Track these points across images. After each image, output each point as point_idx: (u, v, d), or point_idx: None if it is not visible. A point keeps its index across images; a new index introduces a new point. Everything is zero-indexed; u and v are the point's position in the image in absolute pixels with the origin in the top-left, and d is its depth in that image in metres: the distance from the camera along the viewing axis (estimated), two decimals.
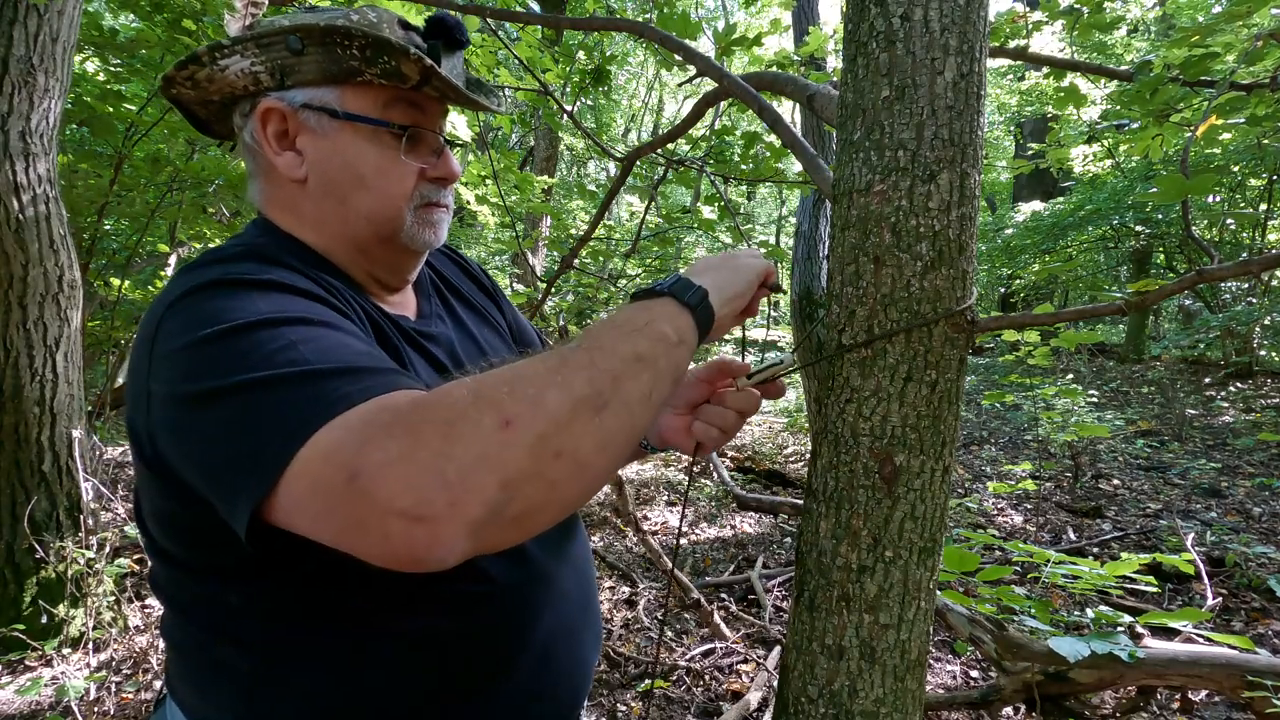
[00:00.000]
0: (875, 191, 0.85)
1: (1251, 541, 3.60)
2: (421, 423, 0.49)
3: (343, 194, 0.75)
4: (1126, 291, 0.99)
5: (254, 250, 0.70)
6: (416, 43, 0.74)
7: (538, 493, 0.51)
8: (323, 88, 0.72)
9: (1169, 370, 8.43)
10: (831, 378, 0.90)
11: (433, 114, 0.78)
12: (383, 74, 0.71)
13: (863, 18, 0.87)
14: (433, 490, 0.47)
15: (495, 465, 0.49)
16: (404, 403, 0.51)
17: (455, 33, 0.75)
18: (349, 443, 0.49)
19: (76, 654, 2.57)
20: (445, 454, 0.48)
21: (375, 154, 0.74)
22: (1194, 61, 1.85)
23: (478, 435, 0.49)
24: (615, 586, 3.46)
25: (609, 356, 0.57)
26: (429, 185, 0.78)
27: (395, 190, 0.75)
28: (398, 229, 0.77)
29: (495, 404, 0.51)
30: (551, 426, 0.51)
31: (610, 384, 0.56)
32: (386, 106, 0.74)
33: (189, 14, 3.07)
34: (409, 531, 0.47)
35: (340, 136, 0.73)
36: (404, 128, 0.75)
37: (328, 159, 0.74)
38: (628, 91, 16.22)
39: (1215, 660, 1.88)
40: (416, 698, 0.70)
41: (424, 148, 0.77)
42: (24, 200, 2.48)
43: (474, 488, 0.48)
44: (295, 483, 0.50)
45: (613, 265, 5.55)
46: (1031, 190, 10.88)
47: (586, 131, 2.64)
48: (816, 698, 0.89)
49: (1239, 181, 7.20)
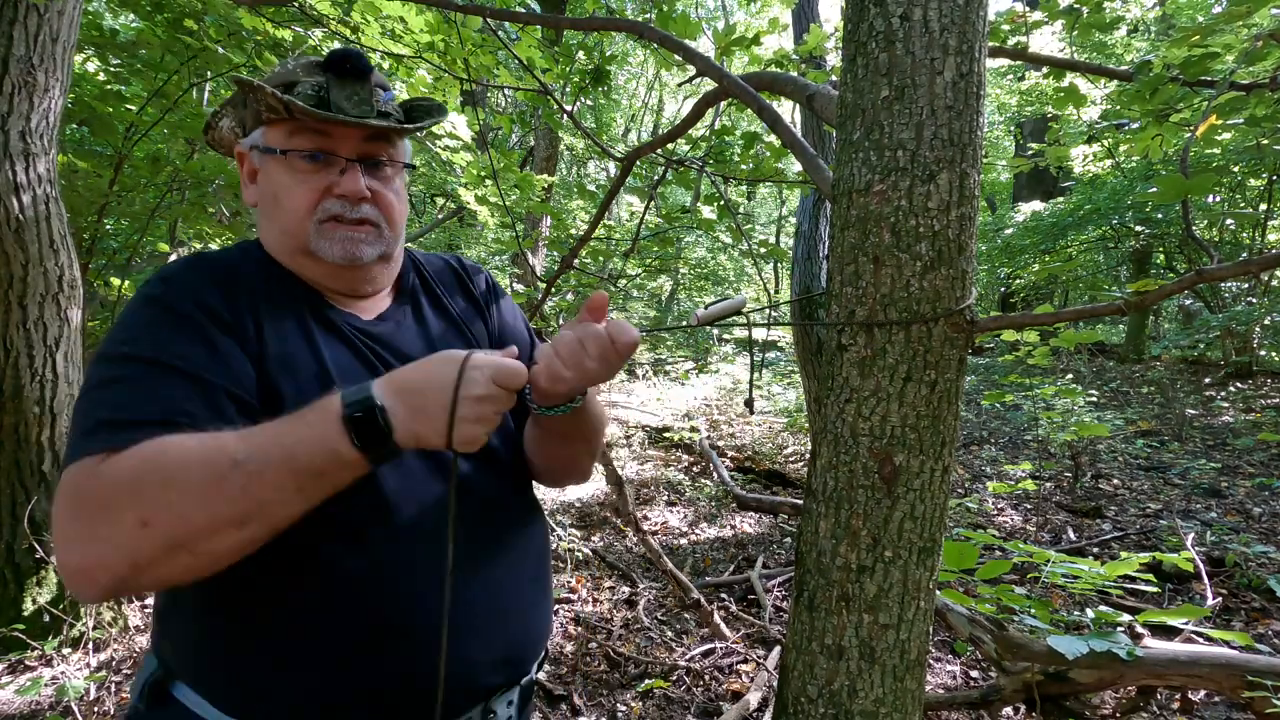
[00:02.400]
0: (875, 191, 0.85)
1: (1251, 541, 3.60)
2: (85, 503, 0.67)
3: (268, 212, 0.90)
4: (1126, 291, 0.99)
5: (214, 259, 0.88)
6: (315, 81, 0.87)
7: (168, 571, 0.66)
8: (257, 130, 0.90)
9: (1169, 370, 8.43)
10: (831, 378, 0.90)
11: (341, 137, 0.87)
12: (268, 109, 0.85)
13: (862, 18, 0.87)
14: (74, 561, 0.66)
15: (126, 553, 0.65)
16: (89, 473, 0.68)
17: (346, 64, 0.85)
18: (63, 491, 0.68)
19: (76, 654, 2.57)
20: (88, 537, 0.66)
21: (285, 178, 0.87)
22: (1193, 61, 1.85)
23: (116, 529, 0.65)
24: (615, 586, 3.46)
25: (262, 484, 0.67)
26: (333, 201, 0.88)
27: (296, 205, 0.87)
28: (305, 241, 0.87)
29: (142, 502, 0.65)
30: (186, 534, 0.65)
31: (257, 508, 0.67)
32: (291, 136, 0.87)
33: (190, 14, 3.07)
34: (68, 582, 0.68)
35: (267, 166, 0.89)
36: (299, 151, 0.87)
37: (264, 187, 0.90)
38: (628, 91, 16.22)
39: (1215, 660, 1.88)
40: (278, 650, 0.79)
41: (331, 168, 0.88)
42: (24, 200, 2.48)
43: (103, 566, 0.65)
44: (57, 496, 0.69)
45: (613, 265, 5.55)
46: (1031, 190, 10.88)
47: (586, 131, 2.64)
48: (816, 697, 0.89)
49: (1239, 181, 7.20)
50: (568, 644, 2.86)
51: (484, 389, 0.70)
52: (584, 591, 3.38)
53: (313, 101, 0.84)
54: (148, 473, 0.66)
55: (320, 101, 0.85)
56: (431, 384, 0.70)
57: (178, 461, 0.67)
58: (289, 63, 0.89)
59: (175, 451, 0.68)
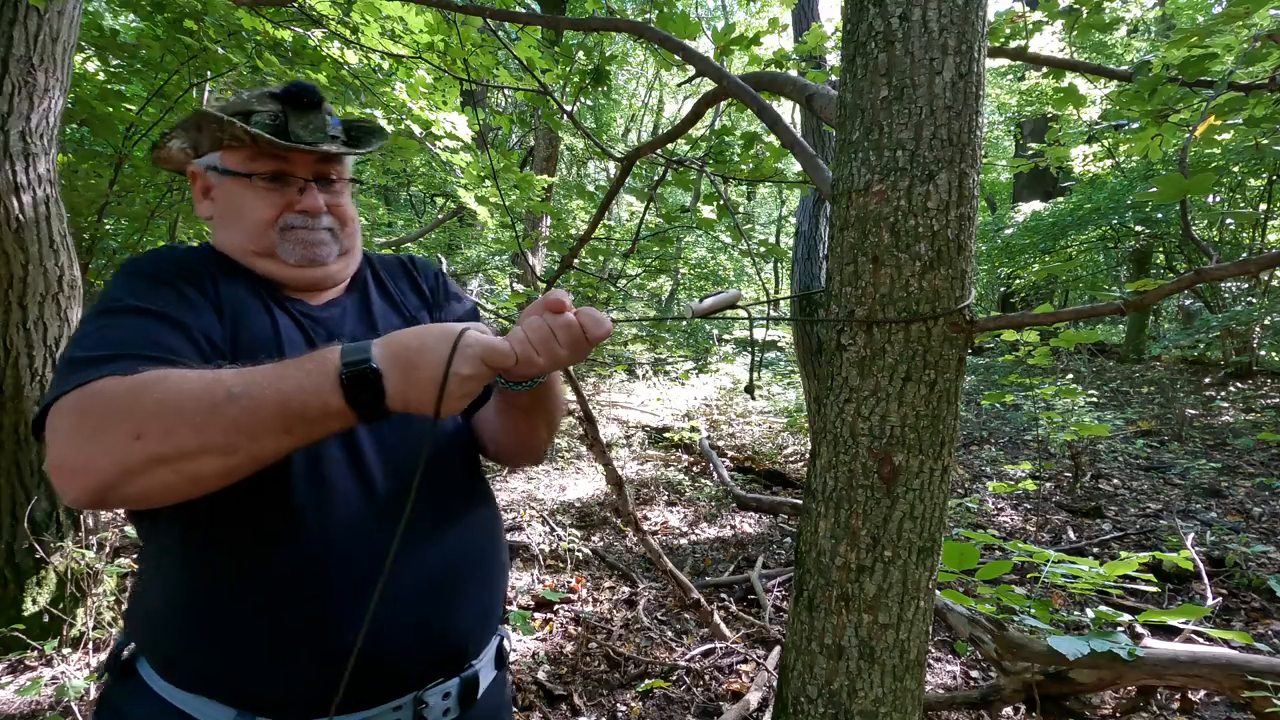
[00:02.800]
0: (874, 191, 0.85)
1: (1251, 541, 3.60)
2: (86, 414, 0.74)
3: (229, 224, 1.00)
4: (1126, 291, 0.99)
5: (178, 248, 1.00)
6: (271, 109, 0.97)
7: (152, 485, 0.72)
8: (214, 153, 1.00)
9: (1169, 370, 8.43)
10: (831, 377, 0.90)
11: (297, 162, 0.99)
12: (231, 139, 0.97)
13: (861, 18, 0.87)
14: (70, 460, 0.73)
15: (117, 459, 0.71)
16: (93, 393, 0.74)
17: (300, 96, 0.98)
18: (61, 408, 0.75)
19: (76, 654, 2.57)
20: (87, 440, 0.72)
21: (247, 194, 0.99)
22: (1192, 62, 1.85)
23: (111, 437, 0.71)
24: (615, 586, 3.46)
25: (253, 419, 0.72)
26: (294, 215, 1.00)
27: (260, 218, 0.98)
28: (270, 247, 0.99)
29: (139, 417, 0.71)
30: (174, 453, 0.71)
31: (246, 440, 0.72)
32: (252, 160, 0.98)
33: (190, 14, 3.07)
34: (55, 477, 0.74)
35: (226, 186, 1.00)
36: (262, 174, 0.98)
37: (222, 202, 1.01)
38: (628, 91, 16.22)
39: (1215, 660, 1.88)
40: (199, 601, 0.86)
41: (290, 188, 1.00)
42: (24, 200, 2.48)
43: (94, 469, 0.72)
44: (53, 414, 0.76)
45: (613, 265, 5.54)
46: (1031, 190, 10.88)
47: (586, 131, 2.64)
48: (816, 697, 0.89)
49: (1239, 181, 7.20)
50: (568, 644, 2.86)
51: (473, 368, 0.73)
52: (584, 591, 3.39)
53: (271, 130, 0.96)
54: (146, 393, 0.73)
55: (278, 130, 0.96)
56: (425, 355, 0.73)
57: (176, 388, 0.73)
58: (243, 94, 1.00)
59: (175, 379, 0.74)
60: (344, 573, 0.86)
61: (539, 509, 4.49)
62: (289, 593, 0.85)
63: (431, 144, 3.98)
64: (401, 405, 0.73)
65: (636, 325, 9.19)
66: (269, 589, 0.85)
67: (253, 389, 0.72)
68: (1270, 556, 3.42)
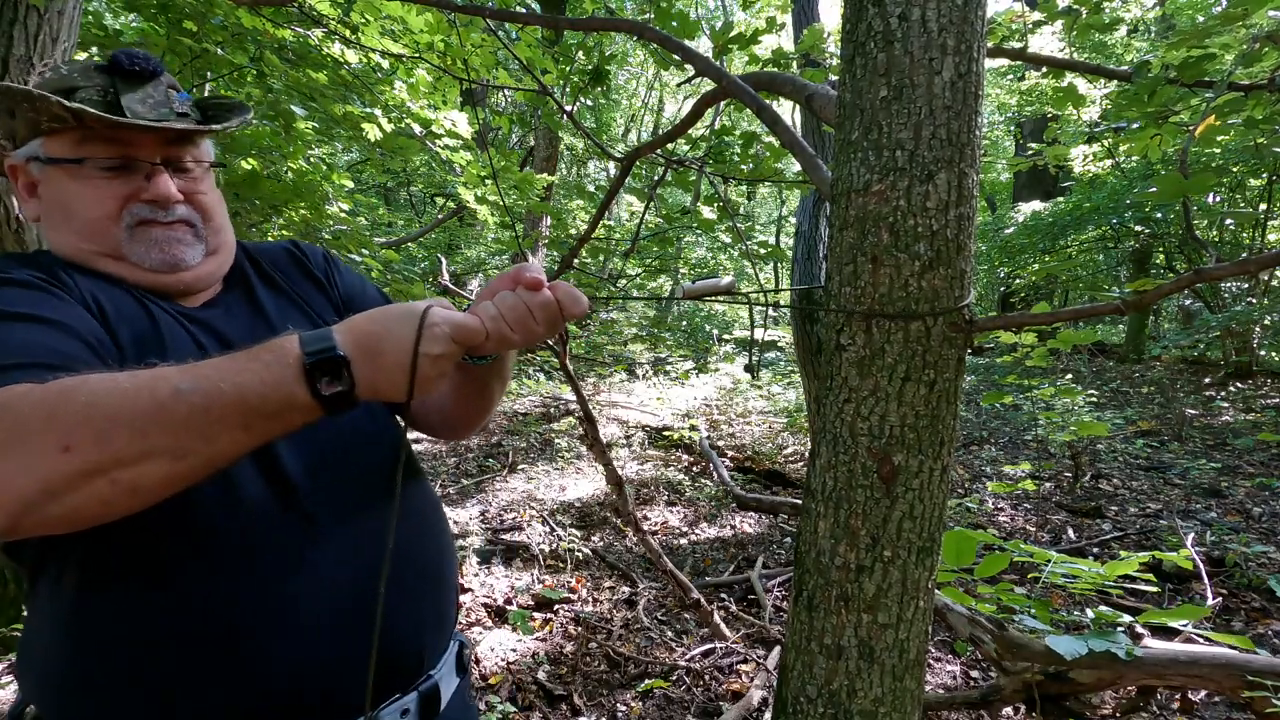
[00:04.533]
0: (873, 191, 0.85)
1: (1251, 541, 3.60)
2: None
3: (59, 223, 0.85)
4: (1126, 291, 0.99)
5: (19, 256, 0.85)
6: (98, 83, 0.83)
7: (84, 501, 0.61)
8: (33, 141, 0.84)
9: (1169, 370, 8.43)
10: (830, 377, 0.90)
11: (141, 144, 0.84)
12: (52, 119, 0.81)
13: (861, 18, 0.88)
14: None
15: (39, 477, 0.59)
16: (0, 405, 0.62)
17: (132, 64, 0.83)
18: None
19: None
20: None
21: (78, 187, 0.83)
22: (1192, 63, 1.86)
23: (31, 453, 0.60)
24: (615, 586, 3.46)
25: (206, 418, 0.63)
26: (141, 205, 0.85)
27: (96, 213, 0.83)
28: (115, 247, 0.84)
29: (65, 425, 0.60)
30: (110, 462, 0.61)
31: (199, 441, 0.63)
32: (81, 144, 0.82)
33: (191, 14, 3.07)
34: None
35: (52, 178, 0.84)
36: (98, 160, 0.83)
37: (49, 198, 0.85)
38: (628, 91, 16.22)
39: (1215, 660, 1.88)
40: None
41: (135, 175, 0.85)
42: None
43: (12, 490, 0.59)
44: None
45: (613, 265, 5.55)
46: (1031, 190, 10.88)
47: (586, 131, 2.64)
48: (815, 697, 0.89)
49: (1239, 181, 7.20)
50: (568, 644, 2.86)
51: (443, 346, 0.68)
52: (584, 591, 3.39)
53: (101, 107, 0.80)
54: (71, 398, 0.62)
55: (109, 106, 0.81)
56: (390, 340, 0.68)
57: (107, 389, 0.63)
58: (61, 68, 0.84)
59: (103, 380, 0.64)
60: (263, 593, 0.76)
61: (539, 509, 4.49)
62: (196, 622, 0.75)
63: (431, 143, 3.99)
64: (370, 393, 0.67)
65: (631, 322, 9.20)
66: (172, 618, 0.74)
67: (203, 383, 0.63)
68: (1270, 556, 3.42)
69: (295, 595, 0.78)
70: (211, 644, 0.75)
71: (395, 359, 0.67)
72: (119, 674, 0.74)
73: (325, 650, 0.79)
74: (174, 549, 0.75)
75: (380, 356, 0.67)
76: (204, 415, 0.63)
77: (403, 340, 0.67)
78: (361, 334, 0.68)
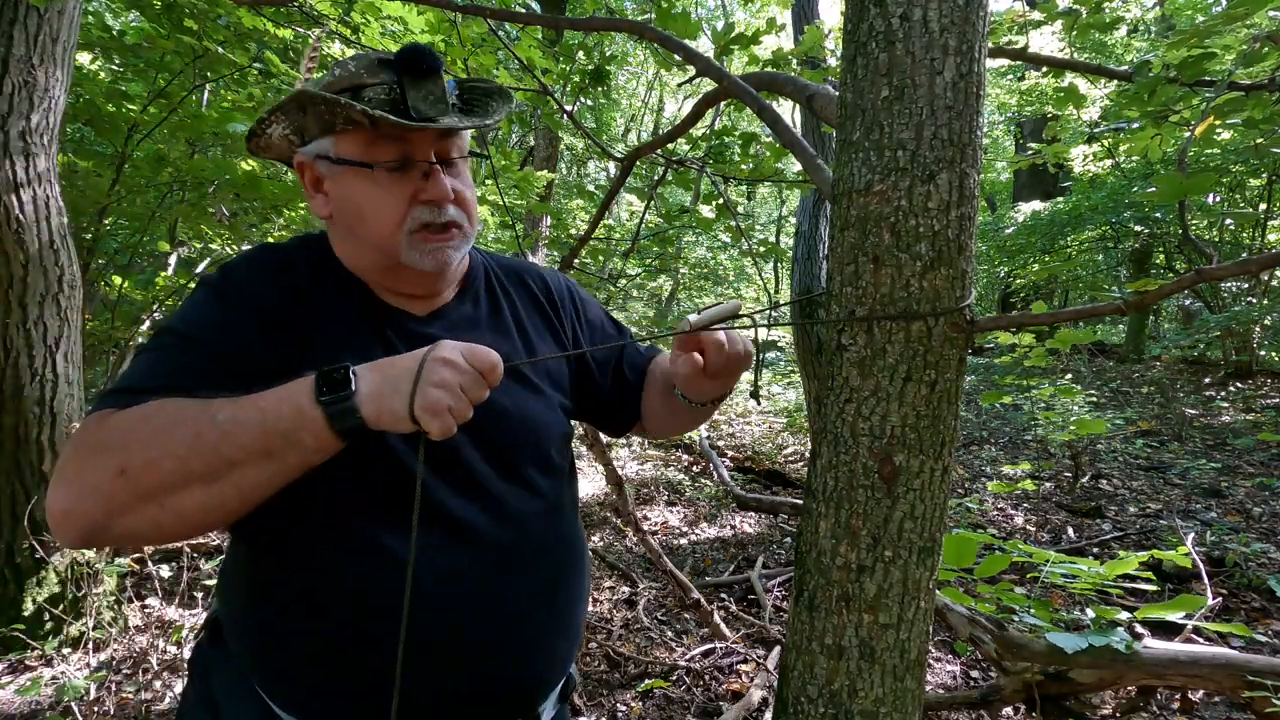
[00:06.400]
0: (874, 192, 0.85)
1: (1251, 541, 3.60)
2: (81, 449, 0.71)
3: (350, 226, 0.87)
4: (1126, 291, 0.99)
5: (276, 249, 0.90)
6: (385, 80, 0.83)
7: (137, 522, 0.69)
8: (324, 139, 0.85)
9: (1169, 370, 8.42)
10: (831, 377, 0.90)
11: (419, 141, 0.85)
12: (346, 122, 0.82)
13: (862, 18, 0.88)
14: (57, 503, 0.69)
15: (103, 499, 0.68)
16: (92, 428, 0.72)
17: (418, 62, 0.82)
18: (73, 436, 0.73)
19: (76, 654, 2.57)
20: (76, 480, 0.69)
21: (366, 189, 0.84)
22: (1191, 63, 1.86)
23: (99, 474, 0.68)
24: (615, 586, 3.46)
25: (233, 443, 0.69)
26: (421, 208, 0.85)
27: (386, 219, 0.84)
28: (395, 255, 0.86)
29: (123, 452, 0.68)
30: (158, 487, 0.67)
31: (226, 466, 0.69)
32: (370, 145, 0.83)
33: (193, 15, 3.07)
34: (49, 519, 0.70)
35: (342, 178, 0.85)
36: (385, 163, 0.84)
37: (339, 199, 0.87)
38: (628, 91, 16.21)
39: (1215, 660, 1.88)
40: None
41: (413, 174, 0.85)
42: (24, 199, 2.48)
43: (81, 511, 0.68)
44: (68, 442, 0.77)
45: (613, 265, 5.54)
46: (1031, 190, 10.87)
47: (586, 131, 2.64)
48: (816, 697, 0.89)
49: (1238, 181, 7.20)
50: None
51: (449, 374, 0.70)
52: None
53: (387, 107, 0.81)
54: (139, 425, 0.70)
55: (395, 104, 0.82)
56: (401, 361, 0.72)
57: (170, 416, 0.70)
58: (349, 64, 0.84)
59: (171, 408, 0.71)
60: (417, 610, 0.77)
61: None
62: (343, 625, 0.80)
63: None
64: (374, 409, 0.70)
65: (631, 321, 9.18)
66: (327, 613, 0.80)
67: (238, 413, 0.69)
68: (1270, 556, 3.42)
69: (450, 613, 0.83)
70: (352, 651, 0.80)
71: (403, 379, 0.71)
72: (285, 643, 0.82)
73: (457, 674, 0.83)
74: (339, 542, 0.81)
75: (388, 381, 0.71)
76: (231, 440, 0.68)
77: (411, 362, 0.71)
78: (382, 361, 0.73)
